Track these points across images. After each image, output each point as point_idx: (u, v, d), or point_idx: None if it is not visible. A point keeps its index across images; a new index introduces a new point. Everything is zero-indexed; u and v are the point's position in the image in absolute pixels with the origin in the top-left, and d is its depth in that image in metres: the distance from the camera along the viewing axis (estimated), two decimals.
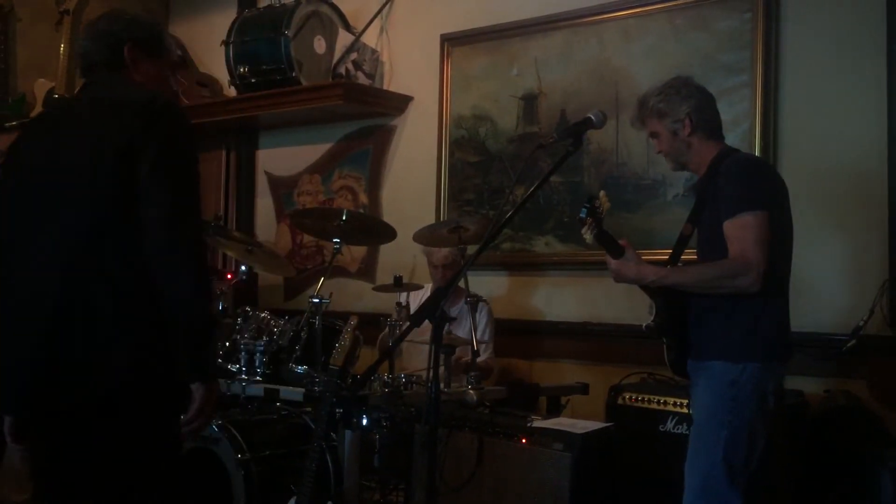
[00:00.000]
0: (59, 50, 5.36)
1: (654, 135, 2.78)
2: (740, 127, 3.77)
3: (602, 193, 2.60)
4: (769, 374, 2.59)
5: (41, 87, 5.28)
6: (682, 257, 2.82)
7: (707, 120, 2.72)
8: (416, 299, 3.99)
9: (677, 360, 2.78)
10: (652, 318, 2.77)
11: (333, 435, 3.35)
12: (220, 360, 3.63)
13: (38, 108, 5.19)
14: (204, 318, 2.01)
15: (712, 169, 2.69)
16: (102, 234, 1.99)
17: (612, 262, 2.65)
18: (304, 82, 4.75)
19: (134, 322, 1.99)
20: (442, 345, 2.64)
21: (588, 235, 2.57)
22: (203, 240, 2.07)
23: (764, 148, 3.71)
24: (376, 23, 4.91)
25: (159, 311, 1.97)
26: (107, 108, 2.07)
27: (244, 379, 3.50)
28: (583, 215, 2.56)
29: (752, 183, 2.60)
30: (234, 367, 3.57)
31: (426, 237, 3.91)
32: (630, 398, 3.45)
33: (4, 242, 2.14)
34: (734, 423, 2.55)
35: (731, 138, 3.75)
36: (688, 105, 2.69)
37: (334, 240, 3.76)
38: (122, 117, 2.02)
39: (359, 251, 5.01)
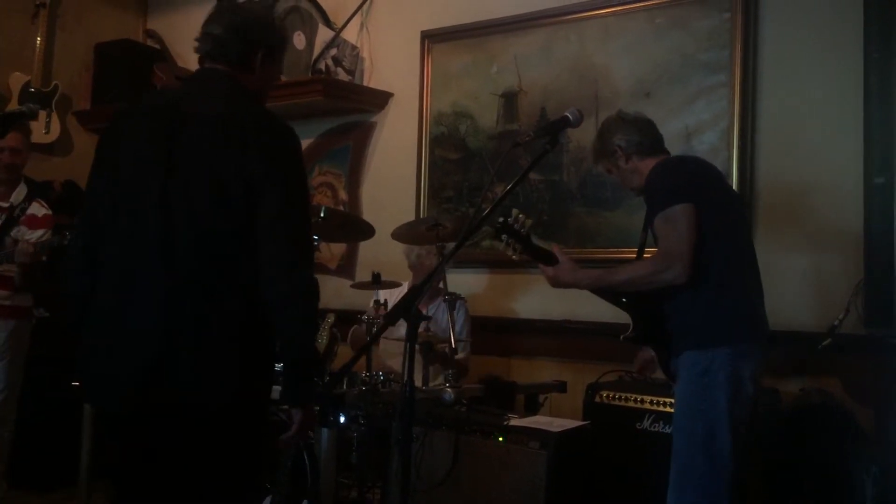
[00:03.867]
0: (35, 43, 5.31)
1: (609, 172, 2.95)
2: (718, 125, 3.79)
3: (515, 211, 2.70)
4: (743, 358, 2.60)
5: (17, 80, 5.22)
6: None
7: (639, 142, 2.85)
8: (394, 297, 3.98)
9: (667, 364, 2.82)
10: (630, 330, 2.85)
11: (310, 433, 3.33)
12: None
13: (14, 103, 5.13)
14: (313, 357, 2.21)
15: None
16: (219, 259, 2.06)
17: (549, 270, 2.75)
18: (284, 78, 4.72)
19: (239, 344, 2.09)
20: (419, 342, 2.65)
21: (513, 254, 2.71)
22: (315, 278, 2.14)
23: (741, 147, 3.73)
24: (356, 19, 4.89)
25: (263, 335, 2.11)
26: (232, 132, 2.08)
27: None
28: (503, 239, 2.68)
29: (670, 178, 2.70)
30: None
31: (405, 234, 3.90)
32: (607, 396, 3.46)
33: (104, 242, 2.16)
34: (709, 412, 2.57)
35: (710, 136, 3.80)
36: (615, 137, 2.86)
37: (313, 236, 3.74)
38: (248, 149, 2.06)
39: (338, 248, 4.99)
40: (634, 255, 3.06)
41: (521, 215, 2.68)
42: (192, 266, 2.06)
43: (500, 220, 2.66)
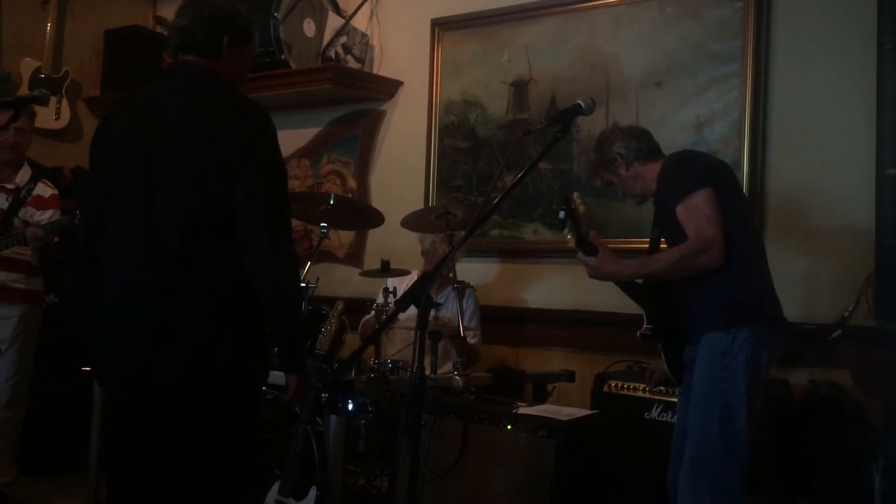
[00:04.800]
0: (46, 29, 5.32)
1: (610, 184, 2.98)
2: (730, 116, 3.77)
3: (576, 195, 2.68)
4: (762, 342, 2.62)
5: (27, 66, 5.22)
6: None
7: (638, 148, 2.89)
8: (403, 285, 3.98)
9: (672, 364, 2.82)
10: (645, 325, 2.85)
11: (319, 420, 3.35)
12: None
13: (25, 88, 5.14)
14: (298, 324, 2.31)
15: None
16: (203, 242, 2.17)
17: (591, 260, 2.71)
18: (294, 65, 4.72)
19: (230, 321, 2.19)
20: (428, 330, 2.64)
21: (571, 238, 2.66)
22: (294, 251, 2.27)
23: (753, 138, 3.71)
24: (366, 6, 4.88)
25: (251, 311, 2.21)
26: (204, 117, 2.18)
27: None
28: (562, 216, 2.65)
29: (688, 167, 2.74)
30: None
31: (414, 223, 3.90)
32: (616, 386, 3.47)
33: (101, 237, 2.28)
34: (728, 392, 2.58)
35: (721, 127, 3.78)
36: (614, 146, 2.89)
37: (321, 224, 3.74)
38: (219, 131, 2.15)
39: (347, 236, 4.99)
40: (645, 246, 3.06)
41: (578, 199, 2.66)
42: (180, 252, 2.16)
43: (566, 205, 2.64)
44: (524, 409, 3.23)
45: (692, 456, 2.62)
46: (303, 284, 3.54)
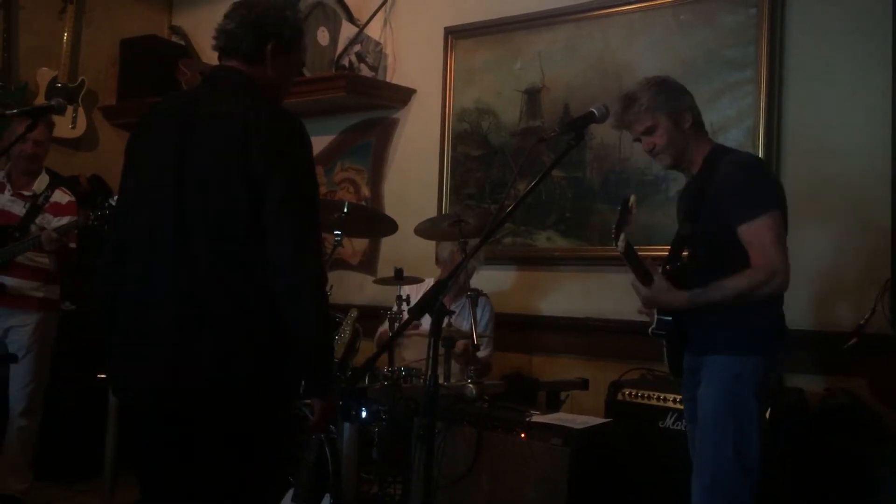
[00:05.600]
0: (63, 38, 5.37)
1: (649, 130, 2.67)
2: (744, 123, 3.76)
3: (633, 197, 2.53)
4: (772, 367, 2.61)
5: (44, 75, 5.27)
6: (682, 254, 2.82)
7: (698, 115, 2.73)
8: (417, 293, 3.98)
9: (673, 358, 2.79)
10: (655, 323, 2.75)
11: (332, 427, 3.35)
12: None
13: (42, 97, 5.19)
14: (324, 347, 2.20)
15: (708, 166, 2.68)
16: (231, 250, 2.11)
17: (643, 290, 2.62)
18: (307, 74, 4.74)
19: (253, 334, 2.12)
20: (442, 338, 2.63)
21: (622, 244, 2.48)
22: (323, 267, 2.21)
23: (767, 144, 3.69)
24: (380, 15, 4.90)
25: (277, 326, 2.12)
26: (235, 127, 2.12)
27: None
28: (623, 231, 2.49)
29: (761, 184, 2.60)
30: None
31: (428, 230, 3.90)
32: (630, 394, 3.45)
33: (128, 239, 2.24)
34: (740, 416, 2.54)
35: (735, 134, 3.76)
36: (687, 98, 2.71)
37: (335, 232, 3.75)
38: (251, 142, 2.09)
39: (360, 244, 5.00)
40: (658, 252, 3.04)
41: (634, 202, 2.50)
42: (205, 261, 2.11)
43: (622, 205, 2.49)
44: (538, 417, 3.22)
45: (706, 483, 2.57)
46: None
